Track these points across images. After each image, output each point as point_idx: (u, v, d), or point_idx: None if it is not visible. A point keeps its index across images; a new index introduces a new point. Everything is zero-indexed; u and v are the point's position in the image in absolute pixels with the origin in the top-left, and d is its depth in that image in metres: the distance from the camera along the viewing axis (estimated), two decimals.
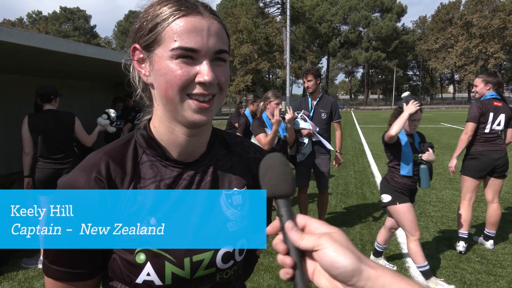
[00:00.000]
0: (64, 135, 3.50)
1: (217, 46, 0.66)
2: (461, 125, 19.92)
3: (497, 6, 58.72)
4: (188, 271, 0.72)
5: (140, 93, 0.78)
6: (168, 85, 0.65)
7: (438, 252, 3.69)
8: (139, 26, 0.70)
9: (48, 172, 3.42)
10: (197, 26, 0.65)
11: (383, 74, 71.64)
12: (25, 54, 3.37)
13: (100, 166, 0.71)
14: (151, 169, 0.74)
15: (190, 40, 0.64)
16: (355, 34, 63.98)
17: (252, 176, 0.86)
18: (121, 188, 0.71)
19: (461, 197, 3.86)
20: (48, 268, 0.71)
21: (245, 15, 40.19)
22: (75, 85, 6.37)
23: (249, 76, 40.08)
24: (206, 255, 0.73)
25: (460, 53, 59.34)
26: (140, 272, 0.69)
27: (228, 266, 0.77)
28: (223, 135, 0.88)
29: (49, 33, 56.69)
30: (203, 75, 0.65)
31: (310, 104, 4.17)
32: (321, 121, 4.13)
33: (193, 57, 0.65)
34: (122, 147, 0.75)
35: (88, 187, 0.68)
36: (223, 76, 0.69)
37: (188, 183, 0.76)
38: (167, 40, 0.65)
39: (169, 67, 0.65)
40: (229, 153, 0.85)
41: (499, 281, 3.11)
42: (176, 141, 0.74)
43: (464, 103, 59.91)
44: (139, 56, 0.71)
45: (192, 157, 0.78)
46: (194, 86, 0.66)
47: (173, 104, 0.67)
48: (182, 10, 0.65)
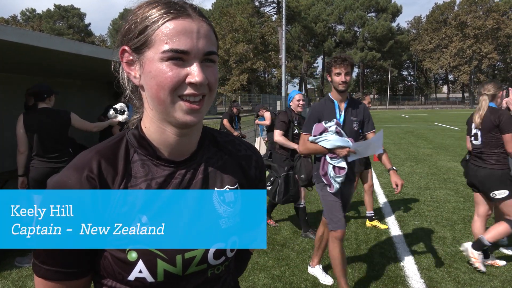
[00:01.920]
0: (59, 133, 3.46)
1: (207, 47, 0.68)
2: (455, 125, 20.07)
3: (491, 6, 59.21)
4: (180, 268, 0.73)
5: (130, 94, 0.78)
6: (159, 87, 0.66)
7: (432, 251, 3.72)
8: (128, 28, 0.70)
9: (43, 171, 3.37)
10: (187, 29, 0.66)
11: (378, 74, 71.92)
12: (19, 52, 3.34)
13: (91, 164, 0.71)
14: (142, 168, 0.75)
15: (180, 42, 0.65)
16: (350, 33, 64.16)
17: (244, 173, 0.87)
18: (112, 187, 0.71)
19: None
20: (39, 268, 0.70)
21: (240, 14, 40.10)
22: (68, 83, 6.33)
23: (245, 75, 40.01)
24: (198, 252, 0.74)
25: (454, 54, 59.74)
26: (132, 270, 0.70)
27: (220, 262, 0.79)
28: (213, 134, 0.89)
29: (43, 31, 56.22)
30: (193, 76, 0.66)
31: (337, 109, 2.88)
32: (352, 133, 2.86)
33: (183, 59, 0.66)
34: (114, 146, 0.76)
35: (80, 186, 0.68)
36: (213, 76, 0.70)
37: (179, 182, 0.77)
38: (158, 43, 0.66)
39: (160, 69, 0.66)
40: (220, 151, 0.86)
41: (492, 281, 3.13)
42: (167, 141, 0.75)
43: (458, 103, 60.36)
44: (129, 58, 0.71)
45: (183, 155, 0.78)
46: (185, 87, 0.67)
47: (164, 106, 0.68)
48: (171, 12, 0.66)
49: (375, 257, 3.62)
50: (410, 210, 5.11)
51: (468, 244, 3.36)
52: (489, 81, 3.45)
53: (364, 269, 3.38)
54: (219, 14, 42.04)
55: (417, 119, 27.73)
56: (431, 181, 6.83)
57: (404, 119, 27.54)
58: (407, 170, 7.91)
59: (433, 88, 78.81)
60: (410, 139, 13.79)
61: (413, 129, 18.60)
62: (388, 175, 7.31)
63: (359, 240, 4.07)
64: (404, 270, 3.36)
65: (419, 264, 3.47)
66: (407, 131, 17.20)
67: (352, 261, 3.53)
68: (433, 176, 7.21)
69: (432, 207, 5.20)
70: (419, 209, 5.14)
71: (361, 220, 4.72)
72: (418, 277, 3.21)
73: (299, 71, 60.70)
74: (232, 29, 39.10)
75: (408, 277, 3.21)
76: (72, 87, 6.44)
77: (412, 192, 6.03)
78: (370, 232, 4.28)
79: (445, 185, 6.46)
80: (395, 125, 21.85)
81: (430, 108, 54.28)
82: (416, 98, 71.81)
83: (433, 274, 3.27)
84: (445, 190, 6.15)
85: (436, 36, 63.32)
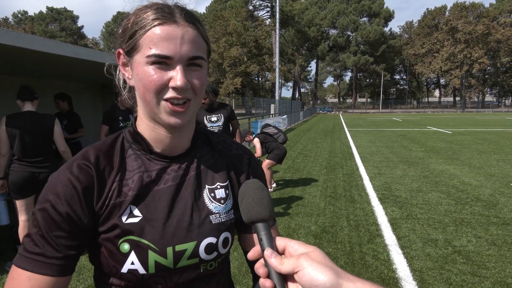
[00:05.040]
0: (43, 138, 3.40)
1: (191, 53, 0.70)
2: (447, 129, 20.31)
3: (481, 12, 60.15)
4: (171, 260, 0.74)
5: (126, 94, 0.83)
6: (145, 89, 0.70)
7: (424, 254, 3.75)
8: (122, 32, 0.74)
9: (23, 175, 3.32)
10: (171, 35, 0.69)
11: (371, 78, 72.54)
12: (11, 54, 3.32)
13: (89, 157, 0.75)
14: (135, 161, 0.78)
15: (164, 48, 0.68)
16: (343, 38, 64.67)
17: (235, 171, 0.89)
18: (108, 179, 0.74)
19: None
20: (19, 257, 0.69)
21: (234, 17, 40.20)
22: (61, 86, 6.29)
23: (239, 79, 40.06)
24: (189, 245, 0.76)
25: (445, 58, 60.51)
26: (125, 261, 0.72)
27: (212, 258, 0.80)
28: (206, 134, 0.92)
29: (35, 33, 55.71)
30: (175, 80, 0.69)
31: None
32: None
33: (167, 63, 0.69)
34: (111, 144, 0.80)
35: (77, 177, 0.71)
36: (197, 80, 0.72)
37: (172, 176, 0.79)
38: (144, 47, 0.70)
39: (146, 72, 0.69)
40: (212, 150, 0.89)
41: (483, 282, 3.17)
42: (158, 138, 0.79)
43: (450, 107, 60.99)
44: (123, 60, 0.76)
45: (176, 151, 0.81)
46: (168, 90, 0.70)
47: (150, 106, 0.72)
48: (159, 19, 0.69)
49: (368, 260, 3.64)
50: (403, 212, 5.15)
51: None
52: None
53: (357, 271, 3.40)
54: (213, 18, 42.07)
55: (410, 122, 27.99)
56: (423, 184, 6.89)
57: (396, 123, 27.78)
58: (399, 173, 7.98)
59: (425, 92, 79.65)
60: (403, 143, 13.91)
61: (405, 132, 18.76)
62: (381, 178, 7.38)
63: (352, 242, 4.09)
64: (397, 272, 3.39)
65: (411, 266, 3.50)
66: (399, 135, 17.34)
67: (345, 264, 3.54)
68: (425, 179, 7.28)
69: (424, 210, 5.24)
70: (411, 211, 5.19)
71: (354, 223, 4.74)
72: (411, 279, 3.24)
73: (293, 74, 60.95)
74: (226, 32, 39.17)
75: (400, 279, 3.24)
76: (65, 89, 6.40)
77: (404, 195, 6.08)
78: (363, 235, 4.30)
79: (437, 188, 6.53)
80: (387, 128, 22.03)
81: (422, 112, 54.81)
82: (408, 101, 72.51)
83: (425, 276, 3.30)
84: (437, 193, 6.22)
85: (428, 40, 64.09)
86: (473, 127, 22.30)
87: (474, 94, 66.07)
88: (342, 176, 7.75)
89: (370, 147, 12.72)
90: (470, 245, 3.95)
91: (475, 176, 7.53)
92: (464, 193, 6.17)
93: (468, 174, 7.75)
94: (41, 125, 3.39)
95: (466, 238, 4.14)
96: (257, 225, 0.56)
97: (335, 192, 6.33)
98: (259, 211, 0.56)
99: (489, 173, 7.83)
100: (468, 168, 8.44)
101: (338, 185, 6.91)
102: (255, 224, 0.56)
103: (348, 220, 4.88)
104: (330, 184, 6.97)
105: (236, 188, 0.88)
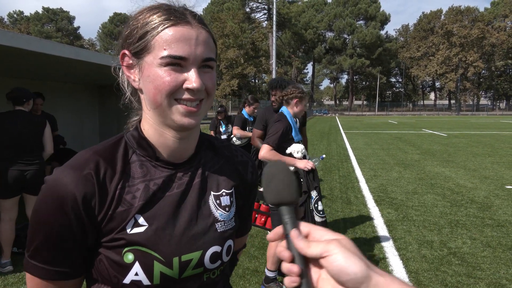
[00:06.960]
0: (32, 137, 3.42)
1: (205, 54, 0.69)
2: (442, 131, 20.43)
3: (476, 16, 60.71)
4: (176, 271, 0.72)
5: (129, 97, 0.79)
6: (156, 91, 0.68)
7: (420, 255, 3.77)
8: (129, 33, 0.72)
9: (11, 174, 3.32)
10: (186, 35, 0.67)
11: (367, 81, 72.86)
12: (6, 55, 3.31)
13: (89, 164, 0.70)
14: (140, 168, 0.75)
15: (179, 49, 0.67)
16: (340, 41, 64.94)
17: (240, 178, 0.88)
18: (110, 186, 0.71)
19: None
20: (27, 263, 0.70)
21: (231, 19, 40.22)
22: (58, 87, 6.26)
23: (235, 81, 40.09)
24: (194, 255, 0.74)
25: (441, 61, 60.94)
26: (128, 272, 0.69)
27: (216, 266, 0.79)
28: (210, 139, 0.90)
29: (31, 33, 55.44)
30: (191, 81, 0.67)
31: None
32: None
33: (181, 65, 0.68)
34: (112, 147, 0.76)
35: (75, 184, 0.67)
36: (210, 82, 0.72)
37: (177, 184, 0.77)
38: (157, 48, 0.67)
39: (158, 74, 0.67)
40: (217, 156, 0.87)
41: (478, 283, 3.19)
42: (165, 143, 0.76)
43: (445, 110, 61.41)
44: (128, 62, 0.73)
45: (182, 158, 0.79)
46: (182, 92, 0.69)
47: (161, 108, 0.70)
48: (171, 19, 0.68)
49: None
50: (399, 214, 5.17)
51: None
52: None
53: None
54: (210, 19, 42.05)
55: (405, 125, 28.14)
56: (419, 186, 6.93)
57: (392, 125, 27.91)
58: (395, 175, 8.02)
59: (420, 95, 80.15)
60: (398, 145, 13.98)
61: (401, 135, 18.85)
62: (377, 180, 7.42)
63: None
64: (393, 273, 3.39)
65: (407, 267, 3.52)
66: (395, 137, 17.42)
67: None
68: (420, 181, 7.32)
69: (420, 212, 5.27)
70: (407, 213, 5.21)
71: (350, 225, 4.76)
72: (407, 281, 3.24)
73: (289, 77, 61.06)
74: (223, 34, 39.16)
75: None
76: (61, 91, 6.37)
77: (400, 197, 6.11)
78: (359, 237, 4.32)
79: (433, 190, 6.57)
80: (383, 131, 22.13)
81: (417, 115, 55.12)
82: (404, 104, 72.90)
83: (421, 277, 3.32)
84: (432, 195, 6.25)
85: (424, 44, 64.56)
86: (468, 130, 22.46)
87: (469, 97, 66.58)
88: (338, 178, 7.77)
89: (366, 149, 12.77)
90: (465, 247, 3.98)
91: (470, 178, 7.59)
92: (459, 195, 6.21)
93: (463, 176, 7.81)
94: (32, 124, 3.41)
95: (461, 240, 4.17)
96: (283, 208, 0.54)
97: (331, 194, 6.34)
98: (288, 194, 0.55)
99: (483, 175, 7.89)
100: (463, 170, 8.50)
101: (334, 187, 6.93)
102: (280, 207, 0.55)
103: (345, 222, 4.90)
104: (327, 186, 6.98)
105: (239, 196, 0.87)
